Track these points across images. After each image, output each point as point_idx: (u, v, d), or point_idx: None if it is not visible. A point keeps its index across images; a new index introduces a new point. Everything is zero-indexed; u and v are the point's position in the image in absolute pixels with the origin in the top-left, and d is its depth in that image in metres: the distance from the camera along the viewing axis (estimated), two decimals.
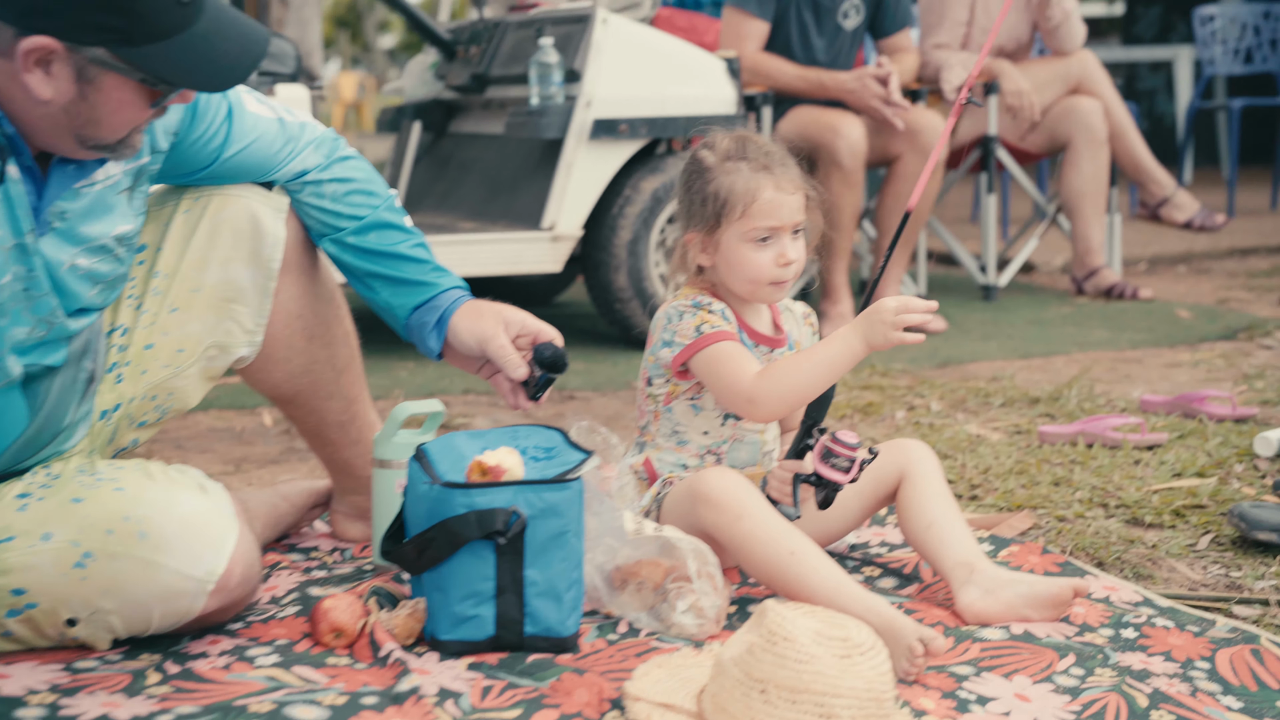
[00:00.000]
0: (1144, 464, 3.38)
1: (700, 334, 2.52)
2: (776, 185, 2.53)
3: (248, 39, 2.04)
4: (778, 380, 2.46)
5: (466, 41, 5.45)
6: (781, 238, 2.54)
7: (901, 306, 2.38)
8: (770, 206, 2.53)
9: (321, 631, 2.20)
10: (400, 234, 2.52)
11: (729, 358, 2.50)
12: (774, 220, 2.53)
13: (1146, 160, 6.20)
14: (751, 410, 2.49)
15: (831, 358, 2.43)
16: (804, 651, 1.87)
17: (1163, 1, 13.89)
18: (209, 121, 2.34)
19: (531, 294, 6.04)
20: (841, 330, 2.44)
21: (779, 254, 2.54)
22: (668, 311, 2.58)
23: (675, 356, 2.54)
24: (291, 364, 2.54)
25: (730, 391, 2.50)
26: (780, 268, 2.54)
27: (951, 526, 2.49)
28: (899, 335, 2.38)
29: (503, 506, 2.15)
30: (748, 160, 2.55)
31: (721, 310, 2.56)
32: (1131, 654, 2.25)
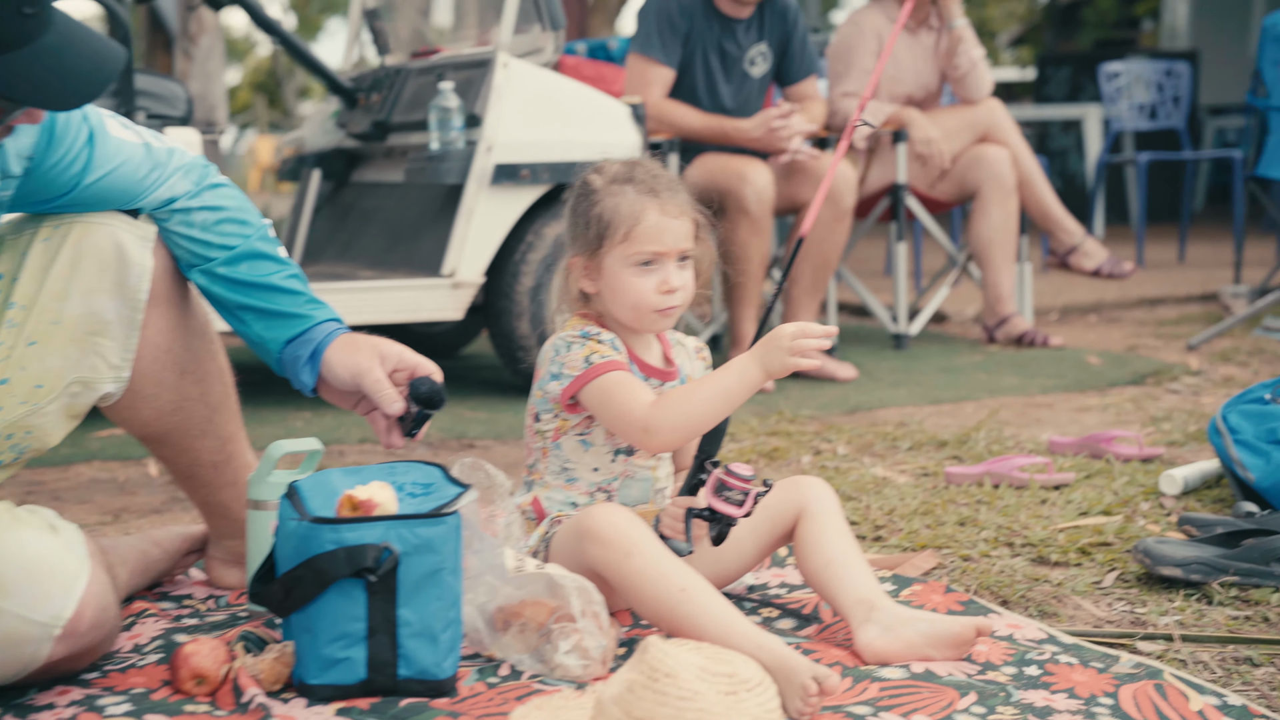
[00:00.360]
0: (1050, 503, 3.33)
1: (590, 364, 2.44)
2: (661, 209, 2.46)
3: (100, 55, 1.94)
4: (673, 409, 2.38)
5: (368, 89, 5.36)
6: (666, 264, 2.47)
7: (798, 332, 2.32)
8: (654, 230, 2.46)
9: (182, 678, 2.08)
10: (273, 264, 2.42)
11: (621, 387, 2.42)
12: (657, 245, 2.46)
13: (1055, 208, 6.21)
14: (646, 440, 2.41)
15: (728, 386, 2.36)
16: (687, 688, 1.79)
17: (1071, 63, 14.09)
18: (68, 145, 2.23)
19: (436, 347, 5.93)
20: (738, 358, 2.38)
21: (662, 280, 2.47)
22: (555, 343, 2.50)
23: (564, 389, 2.46)
24: (161, 401, 2.43)
25: (624, 422, 2.41)
26: (663, 295, 2.47)
27: (851, 564, 2.41)
28: (796, 361, 2.32)
29: (374, 542, 2.05)
30: (634, 183, 2.48)
31: (611, 340, 2.48)
32: (1034, 691, 2.18)
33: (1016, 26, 31.94)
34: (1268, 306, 6.10)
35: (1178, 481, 3.40)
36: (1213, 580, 2.70)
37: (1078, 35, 22.58)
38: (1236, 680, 2.27)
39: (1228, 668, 2.33)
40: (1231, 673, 2.31)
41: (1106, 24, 22.40)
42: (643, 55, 5.33)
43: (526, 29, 4.93)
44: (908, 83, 6.15)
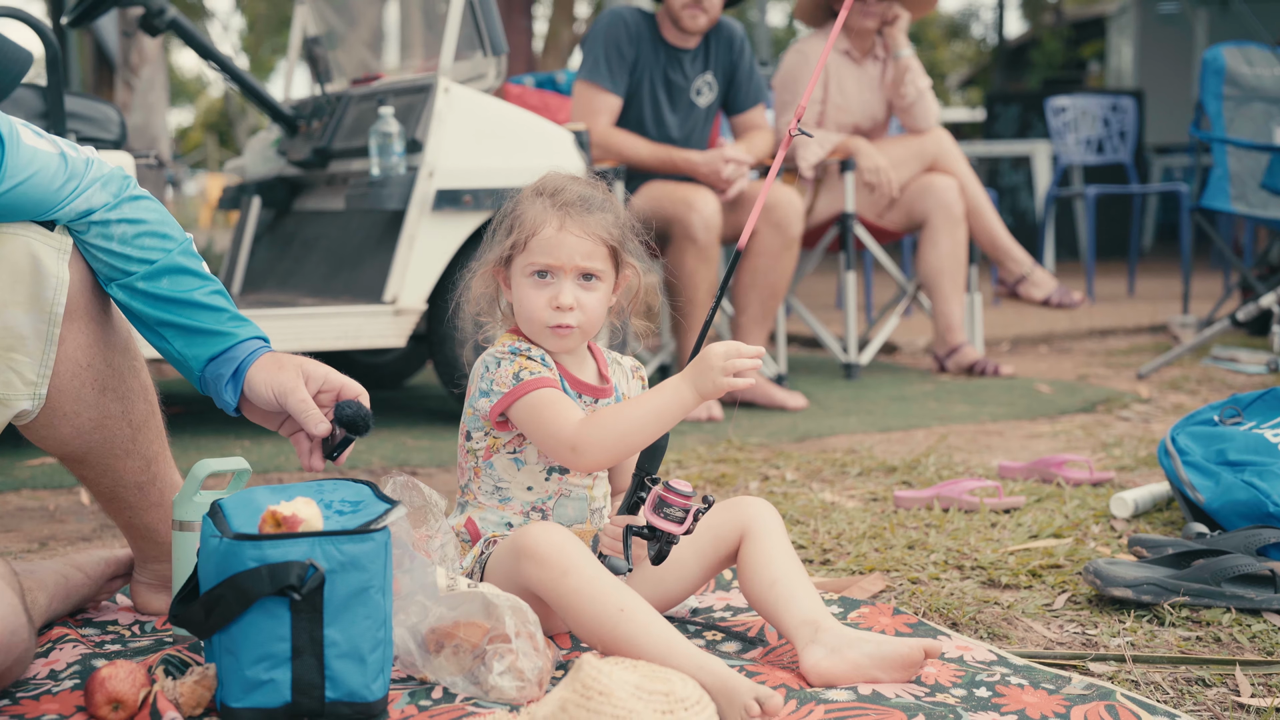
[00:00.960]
0: (1001, 526, 3.28)
1: (519, 381, 2.38)
2: (561, 224, 2.41)
3: (5, 57, 1.87)
4: (603, 428, 2.32)
5: (309, 116, 5.29)
6: (561, 280, 2.42)
7: (730, 351, 2.28)
8: (548, 243, 2.41)
9: (98, 703, 1.99)
10: (196, 280, 2.34)
11: (550, 404, 2.36)
12: (549, 258, 2.41)
13: (1003, 238, 6.20)
14: (575, 459, 2.34)
15: (659, 406, 2.30)
16: (621, 707, 1.72)
17: (1020, 101, 14.18)
18: None
19: (381, 377, 5.86)
20: (671, 379, 2.33)
21: (553, 296, 2.41)
22: (485, 359, 2.44)
23: (493, 406, 2.40)
24: (81, 419, 2.34)
25: (553, 440, 2.35)
26: (553, 310, 2.42)
27: (795, 585, 2.35)
28: (728, 381, 2.27)
29: (298, 559, 1.97)
30: (551, 196, 2.43)
31: (541, 357, 2.43)
32: (984, 713, 2.12)
33: (966, 68, 32.24)
34: (1215, 336, 6.09)
35: (1128, 504, 3.37)
36: (1164, 601, 2.65)
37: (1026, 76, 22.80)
38: (1189, 701, 2.23)
39: (1180, 688, 2.28)
40: (1184, 693, 2.26)
41: (1054, 65, 22.61)
42: (590, 83, 5.29)
43: (468, 55, 4.88)
44: (855, 112, 6.14)
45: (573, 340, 2.46)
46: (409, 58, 5.68)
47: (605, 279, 2.45)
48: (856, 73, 6.12)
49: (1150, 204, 13.38)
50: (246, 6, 30.01)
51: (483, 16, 4.74)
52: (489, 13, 4.75)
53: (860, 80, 6.13)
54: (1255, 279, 6.62)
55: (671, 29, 5.34)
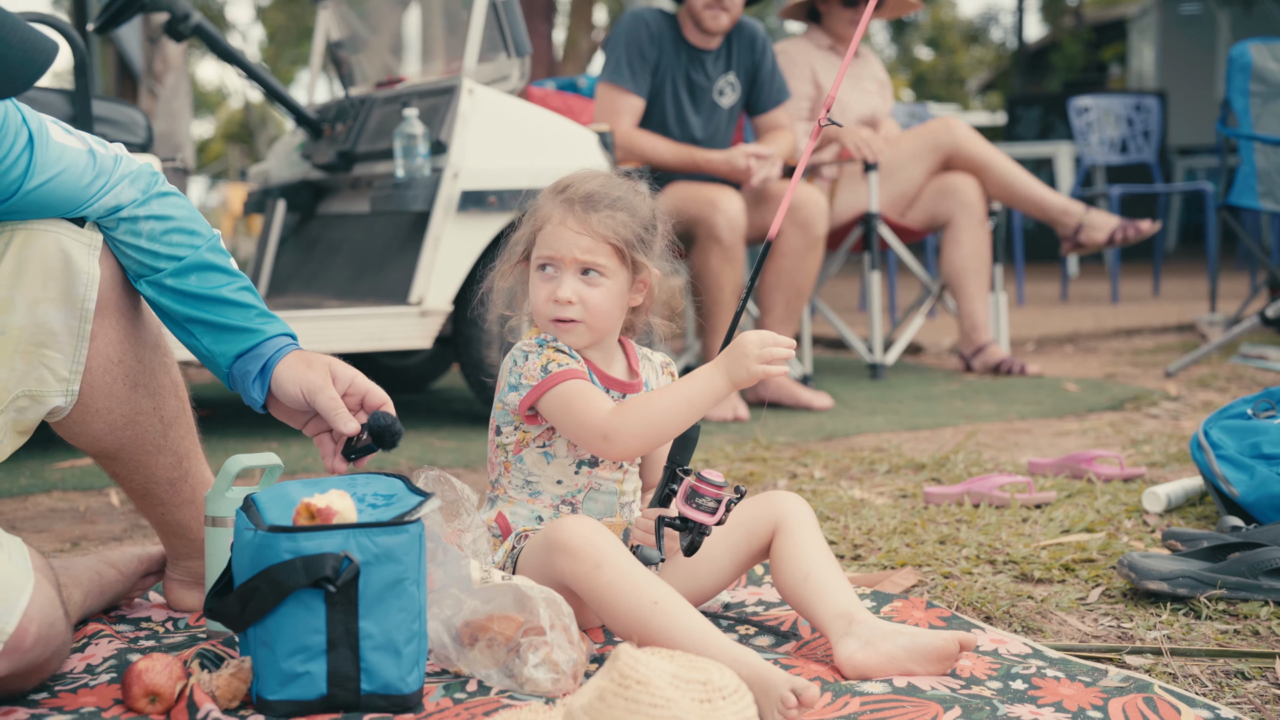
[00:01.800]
0: (1032, 521, 3.27)
1: (547, 373, 2.38)
2: (563, 219, 2.41)
3: (31, 46, 1.87)
4: (634, 415, 2.32)
5: (333, 119, 5.30)
6: (562, 273, 2.41)
7: (765, 340, 2.28)
8: (550, 236, 2.42)
9: (135, 696, 1.99)
10: (223, 276, 2.34)
11: (579, 395, 2.36)
12: (550, 250, 2.42)
13: (1048, 196, 6.10)
14: (607, 448, 2.34)
15: (691, 394, 2.30)
16: (659, 695, 1.71)
17: (1041, 103, 14.16)
18: (5, 150, 2.13)
19: (406, 380, 5.86)
20: (704, 367, 2.32)
21: (554, 289, 2.42)
22: (513, 354, 2.45)
23: (523, 399, 2.40)
24: (113, 415, 2.34)
25: (583, 429, 2.34)
26: (553, 304, 2.41)
27: (829, 577, 2.34)
28: (762, 368, 2.27)
29: (332, 551, 1.96)
30: (562, 191, 2.45)
31: (568, 350, 2.42)
32: (1021, 705, 2.11)
33: (986, 73, 32.18)
34: (1243, 333, 6.06)
35: (1161, 499, 3.34)
36: (1200, 594, 2.63)
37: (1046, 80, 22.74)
38: (1228, 694, 2.21)
39: (1219, 681, 2.26)
40: (1223, 686, 2.24)
41: (1074, 69, 22.55)
42: (612, 84, 5.28)
43: (492, 57, 4.88)
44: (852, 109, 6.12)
45: (577, 335, 2.45)
46: (431, 61, 5.68)
47: (611, 275, 2.43)
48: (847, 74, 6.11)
49: (1174, 204, 13.34)
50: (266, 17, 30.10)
51: (506, 18, 4.75)
52: (512, 14, 4.75)
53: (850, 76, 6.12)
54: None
55: (693, 30, 5.33)
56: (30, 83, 1.85)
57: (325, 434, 2.37)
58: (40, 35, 1.88)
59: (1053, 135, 13.50)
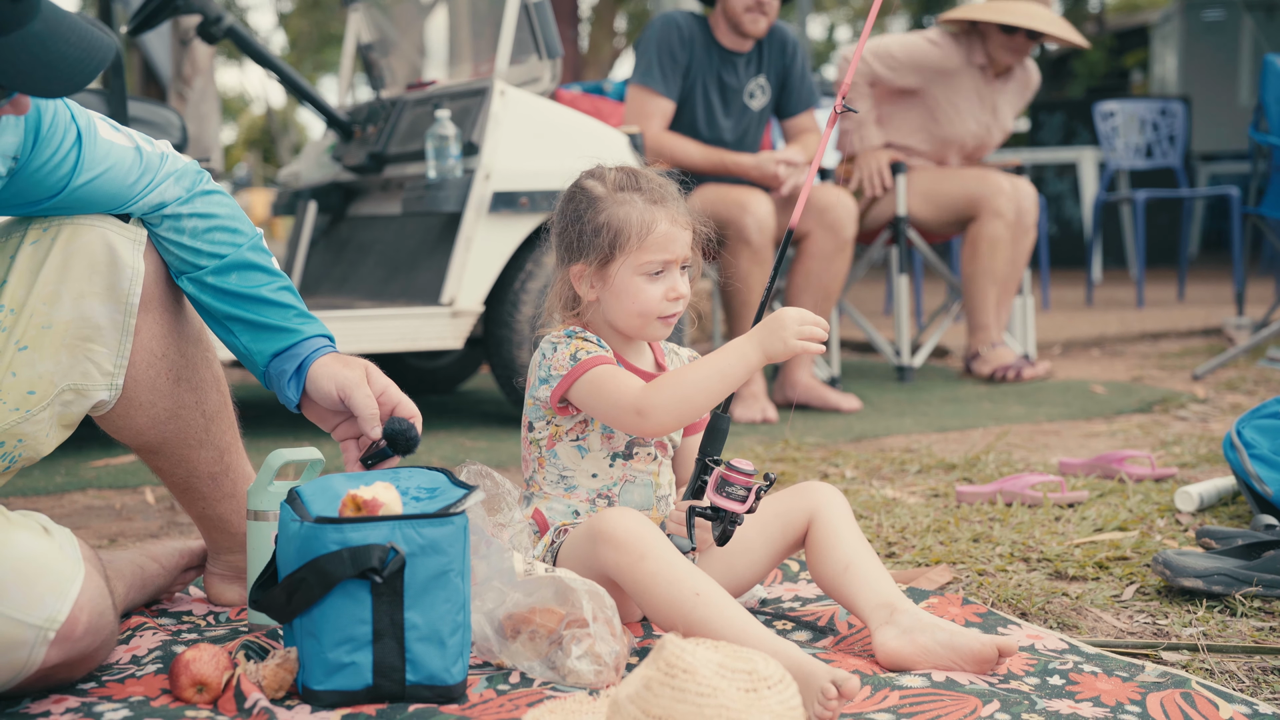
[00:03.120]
0: (1065, 520, 3.27)
1: (576, 361, 2.41)
2: (671, 218, 2.46)
3: (90, 44, 1.89)
4: (667, 389, 2.35)
5: (363, 121, 5.32)
6: (672, 272, 2.47)
7: (804, 316, 2.31)
8: (665, 239, 2.45)
9: (182, 685, 2.01)
10: (264, 276, 2.36)
11: (610, 377, 2.40)
12: (667, 254, 2.45)
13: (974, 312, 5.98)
14: (641, 423, 2.36)
15: (723, 366, 2.33)
16: (706, 684, 1.71)
17: (1064, 109, 14.13)
18: (55, 146, 2.16)
19: (435, 381, 5.88)
20: (737, 340, 2.36)
21: (670, 288, 2.46)
22: (541, 348, 2.49)
23: (554, 390, 2.44)
24: (156, 409, 2.36)
25: (617, 409, 2.37)
26: (670, 302, 2.46)
27: (870, 567, 2.36)
28: (799, 343, 2.30)
29: (379, 543, 1.98)
30: (640, 192, 2.46)
31: (596, 339, 2.46)
32: (1059, 700, 2.11)
33: None
34: (1271, 337, 6.05)
35: (1193, 498, 3.35)
36: (1235, 591, 2.64)
37: (1068, 86, 22.69)
38: (1265, 690, 2.21)
39: (1255, 678, 2.26)
40: (1260, 682, 2.24)
41: (1096, 75, 22.49)
42: (643, 86, 5.30)
43: (523, 59, 4.90)
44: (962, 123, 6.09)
45: (673, 327, 2.51)
46: (460, 63, 5.70)
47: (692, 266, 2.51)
48: (981, 88, 6.07)
49: (1197, 210, 13.30)
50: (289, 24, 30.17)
51: (538, 20, 4.76)
52: (544, 16, 4.77)
53: (982, 96, 6.09)
54: None
55: (725, 32, 5.34)
56: (88, 81, 1.87)
57: (351, 440, 2.38)
58: (98, 34, 1.90)
59: (1076, 141, 13.47)
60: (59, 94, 1.90)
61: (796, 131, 5.58)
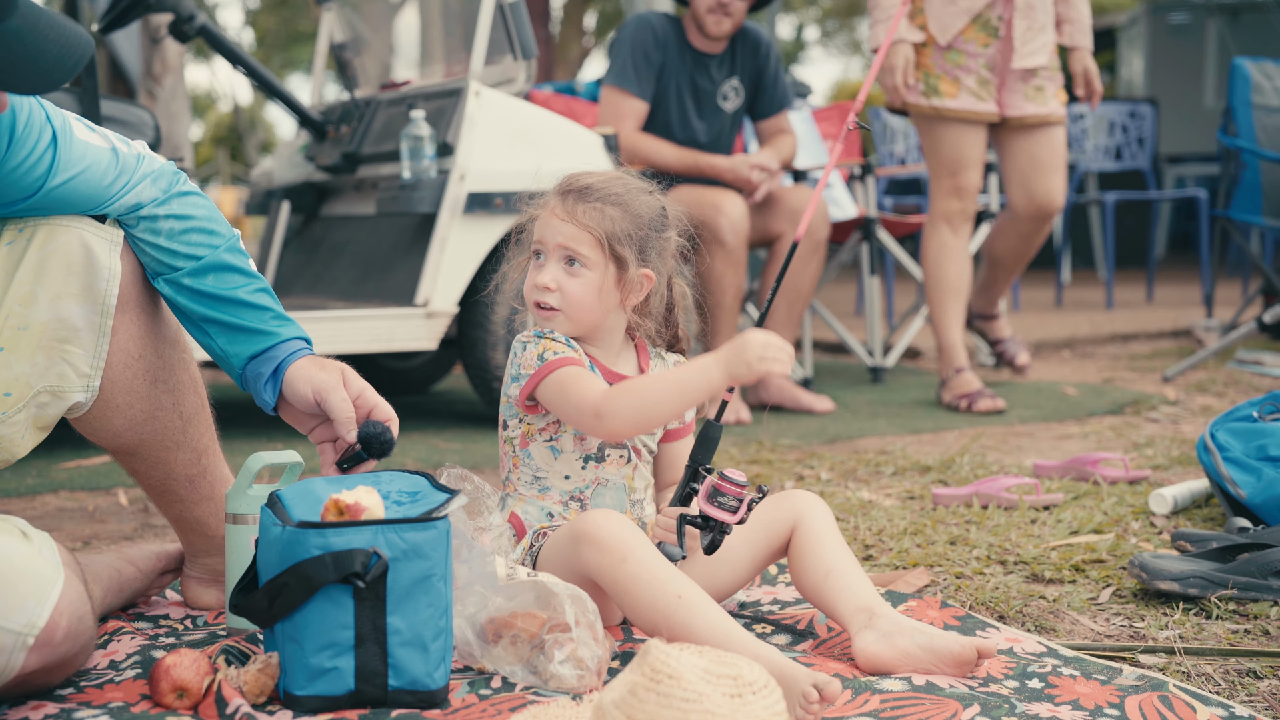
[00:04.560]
0: (1041, 523, 3.28)
1: (544, 361, 2.42)
2: (553, 209, 2.47)
3: (68, 40, 1.87)
4: (627, 395, 2.36)
5: (337, 121, 5.30)
6: (547, 261, 2.46)
7: (769, 341, 2.31)
8: (540, 224, 2.49)
9: (163, 691, 2.00)
10: (241, 278, 2.34)
11: (574, 379, 2.40)
12: (538, 236, 2.48)
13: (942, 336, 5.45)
14: (598, 425, 2.37)
15: (684, 380, 2.34)
16: (691, 690, 1.71)
17: None
18: (30, 148, 2.14)
19: (409, 382, 5.86)
20: (702, 357, 2.36)
21: (537, 275, 2.47)
22: (514, 346, 2.50)
23: (522, 389, 2.45)
24: (133, 410, 2.34)
25: (576, 410, 2.38)
26: (536, 289, 2.47)
27: (850, 574, 2.36)
28: (762, 366, 2.30)
29: (361, 547, 1.97)
30: (563, 184, 2.51)
31: (565, 339, 2.46)
32: (1038, 703, 2.12)
33: None
34: (1240, 339, 6.09)
35: (1167, 500, 3.36)
36: (1210, 594, 2.65)
37: None
38: (1241, 693, 2.22)
39: (1231, 680, 2.28)
40: (1235, 685, 2.26)
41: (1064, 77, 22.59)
42: (617, 87, 5.29)
43: (498, 59, 4.89)
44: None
45: (557, 324, 2.49)
46: (433, 64, 5.69)
47: (592, 267, 2.46)
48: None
49: (1164, 212, 13.37)
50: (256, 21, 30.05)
51: (513, 20, 4.76)
52: (519, 17, 4.76)
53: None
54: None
55: (698, 34, 5.34)
56: (67, 77, 1.86)
57: (328, 443, 2.37)
58: (76, 30, 1.89)
59: None
60: (37, 90, 1.88)
61: (770, 133, 5.58)
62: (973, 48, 5.12)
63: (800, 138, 6.51)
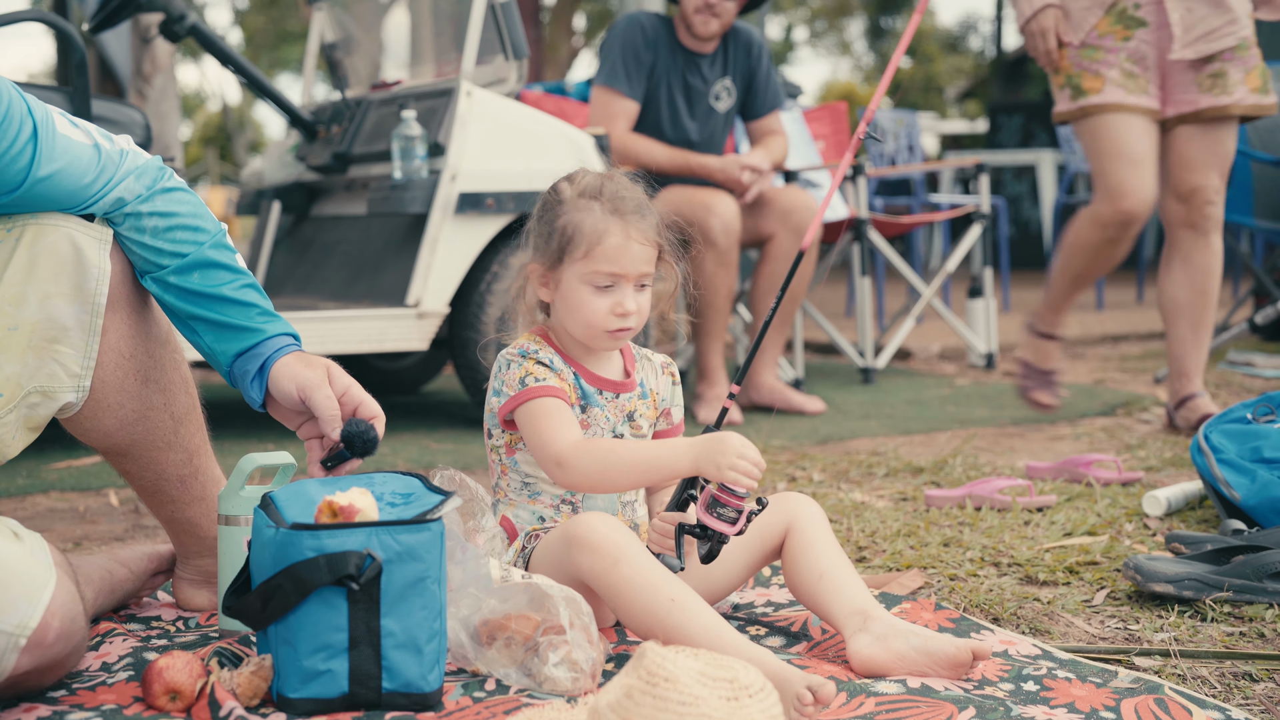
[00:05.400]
0: (1034, 524, 3.28)
1: (524, 386, 2.41)
2: (625, 232, 2.41)
3: None
4: (592, 456, 2.35)
5: (328, 121, 5.29)
6: (623, 287, 2.43)
7: (746, 450, 2.29)
8: (614, 252, 2.41)
9: (155, 693, 1.98)
10: (227, 274, 2.32)
11: (548, 415, 2.39)
12: (616, 267, 2.41)
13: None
14: (558, 474, 2.37)
15: (654, 458, 2.35)
16: (687, 693, 1.71)
17: (1023, 111, 14.21)
18: (10, 140, 2.10)
19: (400, 383, 5.85)
20: (679, 440, 2.37)
21: (617, 303, 2.42)
22: (499, 360, 2.48)
23: (501, 407, 2.44)
24: (124, 410, 2.33)
25: (543, 450, 2.38)
26: (616, 317, 2.42)
27: (844, 576, 2.36)
28: (730, 475, 2.28)
29: (355, 549, 1.96)
30: (602, 200, 2.43)
31: (550, 360, 2.44)
32: (1034, 706, 2.11)
33: (964, 81, 32.27)
34: (1231, 340, 6.09)
35: (1161, 502, 3.36)
36: (1205, 597, 2.65)
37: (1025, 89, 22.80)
38: (1237, 695, 2.22)
39: (1227, 683, 2.27)
40: (1231, 688, 2.25)
41: None
42: (607, 87, 5.28)
43: (489, 59, 4.88)
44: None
45: (624, 341, 2.49)
46: (422, 63, 5.67)
47: (653, 280, 2.47)
48: None
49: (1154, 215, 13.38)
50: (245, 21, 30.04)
51: (504, 20, 4.75)
52: (511, 16, 4.75)
53: None
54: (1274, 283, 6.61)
55: (688, 34, 5.34)
56: None
57: (316, 440, 2.36)
58: None
59: (1034, 143, 13.56)
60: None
61: (762, 133, 5.57)
62: (1110, 42, 4.44)
63: (791, 138, 6.51)
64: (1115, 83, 4.45)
